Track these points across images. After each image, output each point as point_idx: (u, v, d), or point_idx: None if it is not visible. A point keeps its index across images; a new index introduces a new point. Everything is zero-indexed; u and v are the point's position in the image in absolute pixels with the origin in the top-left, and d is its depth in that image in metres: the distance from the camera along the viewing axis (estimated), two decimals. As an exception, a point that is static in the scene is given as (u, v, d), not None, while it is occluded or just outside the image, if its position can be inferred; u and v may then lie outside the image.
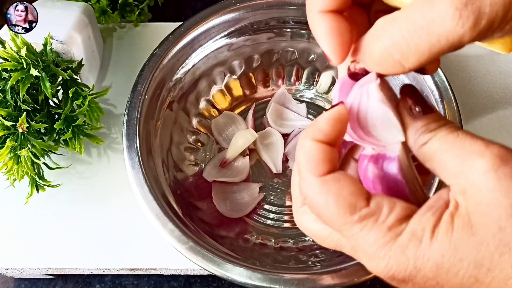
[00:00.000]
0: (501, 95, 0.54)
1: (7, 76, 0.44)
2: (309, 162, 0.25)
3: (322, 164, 0.25)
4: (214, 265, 0.38)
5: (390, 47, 0.22)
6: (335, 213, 0.24)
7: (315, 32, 0.26)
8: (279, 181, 0.51)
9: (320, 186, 0.24)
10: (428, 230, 0.23)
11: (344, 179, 0.24)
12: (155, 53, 0.47)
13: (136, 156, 0.42)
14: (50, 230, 0.47)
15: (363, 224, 0.23)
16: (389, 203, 0.24)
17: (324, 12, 0.25)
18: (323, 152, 0.25)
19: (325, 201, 0.24)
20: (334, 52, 0.25)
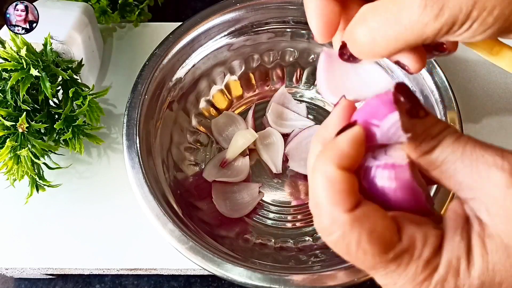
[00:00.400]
0: (501, 95, 0.54)
1: (7, 76, 0.44)
2: (336, 194, 0.22)
3: (350, 197, 0.22)
4: (214, 265, 0.38)
5: (367, 33, 0.24)
6: (369, 252, 0.22)
7: (307, 9, 0.27)
8: (279, 181, 0.51)
9: (352, 224, 0.22)
10: (464, 258, 0.22)
11: (374, 213, 0.22)
12: (155, 53, 0.47)
13: (136, 156, 0.42)
14: (50, 230, 0.47)
15: (398, 262, 0.22)
16: (422, 235, 0.22)
17: None
18: (350, 182, 0.22)
19: (358, 240, 0.22)
20: (320, 31, 0.26)
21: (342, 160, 0.22)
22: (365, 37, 0.24)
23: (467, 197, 0.23)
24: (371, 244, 0.22)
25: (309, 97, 0.55)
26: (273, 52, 0.54)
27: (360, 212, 0.22)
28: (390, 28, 0.23)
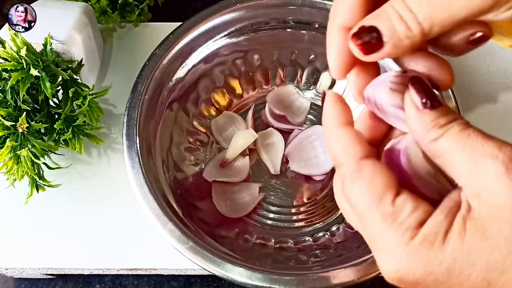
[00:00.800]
0: (501, 95, 0.54)
1: (7, 76, 0.44)
2: (344, 148, 0.25)
3: (358, 147, 0.25)
4: (214, 265, 0.38)
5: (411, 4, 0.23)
6: (363, 199, 0.24)
7: (328, 43, 0.26)
8: (279, 181, 0.51)
9: (356, 170, 0.25)
10: (441, 234, 0.23)
11: (378, 168, 0.24)
12: (155, 53, 0.47)
13: (136, 156, 0.42)
14: (50, 230, 0.47)
15: (383, 219, 0.24)
16: (413, 204, 0.24)
17: (343, 28, 0.26)
18: (354, 134, 0.26)
19: (357, 186, 0.24)
20: (337, 69, 0.27)
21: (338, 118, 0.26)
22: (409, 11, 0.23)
23: (463, 184, 0.23)
24: (366, 191, 0.24)
25: (309, 97, 0.55)
26: (273, 52, 0.54)
27: (366, 163, 0.25)
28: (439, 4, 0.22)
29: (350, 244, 0.45)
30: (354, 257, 0.39)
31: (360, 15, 0.25)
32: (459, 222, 0.23)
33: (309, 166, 0.51)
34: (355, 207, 0.25)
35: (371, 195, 0.24)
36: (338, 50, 0.26)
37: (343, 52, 0.26)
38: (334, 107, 0.27)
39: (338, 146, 0.26)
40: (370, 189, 0.24)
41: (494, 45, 0.57)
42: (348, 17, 0.25)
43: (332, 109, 0.27)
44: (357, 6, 0.25)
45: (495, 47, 0.57)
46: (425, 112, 0.24)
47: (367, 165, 0.25)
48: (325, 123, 0.27)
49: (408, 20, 0.23)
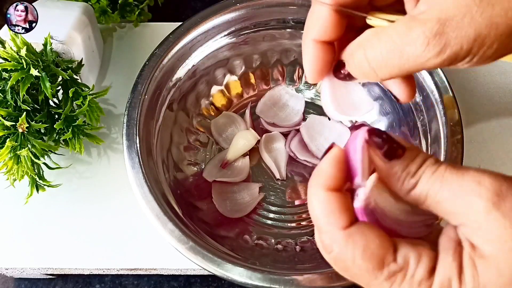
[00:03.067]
0: (501, 95, 0.54)
1: (7, 76, 0.44)
2: (329, 214, 0.24)
3: (343, 215, 0.24)
4: (214, 265, 0.38)
5: (369, 56, 0.27)
6: (363, 268, 0.23)
7: (303, 53, 0.31)
8: (279, 181, 0.51)
9: (346, 240, 0.23)
10: (455, 279, 0.22)
11: (369, 231, 0.23)
12: (155, 53, 0.47)
13: (136, 156, 0.42)
14: (50, 230, 0.47)
15: (392, 280, 0.23)
16: (416, 255, 0.23)
17: (315, 41, 0.30)
18: (340, 200, 0.24)
19: (352, 256, 0.23)
20: (311, 75, 0.31)
21: (328, 181, 0.24)
22: (367, 61, 0.27)
23: (457, 223, 0.23)
24: (364, 260, 0.23)
25: (309, 97, 0.55)
26: (273, 52, 0.54)
27: (354, 230, 0.23)
28: (393, 57, 0.25)
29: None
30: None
31: (330, 32, 0.29)
32: (468, 263, 0.22)
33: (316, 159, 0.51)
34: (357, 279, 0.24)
35: (372, 262, 0.23)
36: (312, 60, 0.30)
37: (317, 62, 0.30)
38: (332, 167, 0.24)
39: (322, 212, 0.24)
40: (367, 257, 0.23)
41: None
42: (320, 33, 0.29)
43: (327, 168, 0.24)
44: (327, 24, 0.29)
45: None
46: (393, 164, 0.24)
47: (355, 231, 0.23)
48: (313, 178, 0.25)
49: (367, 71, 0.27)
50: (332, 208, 0.24)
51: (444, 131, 0.43)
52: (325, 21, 0.29)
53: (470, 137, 0.51)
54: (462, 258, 0.23)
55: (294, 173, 0.51)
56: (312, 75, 0.31)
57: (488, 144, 0.51)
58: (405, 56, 0.25)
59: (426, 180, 0.23)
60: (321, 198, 0.24)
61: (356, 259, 0.23)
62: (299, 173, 0.51)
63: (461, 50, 0.24)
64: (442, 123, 0.44)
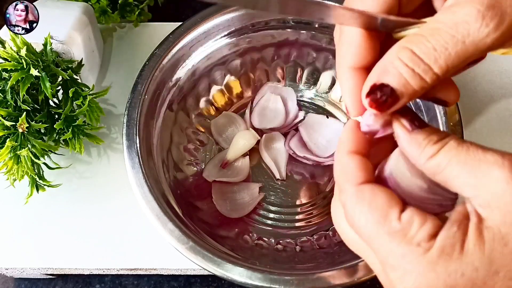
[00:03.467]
0: (501, 95, 0.54)
1: (7, 76, 0.44)
2: (345, 173, 0.26)
3: (357, 173, 0.25)
4: (214, 265, 0.38)
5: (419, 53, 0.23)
6: (368, 221, 0.24)
7: (342, 85, 0.27)
8: (279, 181, 0.51)
9: (356, 195, 0.25)
10: (458, 244, 0.22)
11: (379, 190, 0.25)
12: (155, 53, 0.47)
13: (136, 156, 0.42)
14: (50, 230, 0.47)
15: (392, 237, 0.23)
16: (420, 218, 0.23)
17: (353, 69, 0.27)
18: (356, 161, 0.26)
19: (360, 209, 0.24)
20: (355, 108, 0.27)
21: (346, 146, 0.26)
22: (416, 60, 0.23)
23: (470, 195, 0.23)
24: (369, 214, 0.24)
25: (309, 97, 0.55)
26: (273, 52, 0.54)
27: (366, 187, 0.25)
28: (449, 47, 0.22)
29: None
30: (354, 257, 0.39)
31: (367, 55, 0.26)
32: (474, 231, 0.22)
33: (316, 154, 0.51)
34: (360, 231, 0.25)
35: (375, 215, 0.24)
36: (352, 91, 0.27)
37: (358, 92, 0.26)
38: (347, 134, 0.27)
39: (341, 172, 0.26)
40: (372, 210, 0.24)
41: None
42: (356, 59, 0.26)
43: (344, 136, 0.27)
44: (363, 47, 0.26)
45: (495, 47, 0.57)
46: (416, 132, 0.25)
47: (366, 188, 0.25)
48: (338, 146, 0.27)
49: (421, 72, 0.23)
50: (348, 167, 0.26)
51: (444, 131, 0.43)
52: (359, 43, 0.26)
53: (470, 137, 0.51)
54: (467, 228, 0.23)
55: (294, 173, 0.51)
56: (356, 107, 0.27)
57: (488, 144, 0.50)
58: (460, 39, 0.22)
59: (449, 150, 0.24)
60: (340, 160, 0.26)
61: (361, 213, 0.24)
62: (299, 173, 0.51)
63: None
64: (442, 123, 0.44)
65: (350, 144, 0.27)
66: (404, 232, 0.23)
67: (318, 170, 0.51)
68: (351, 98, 0.27)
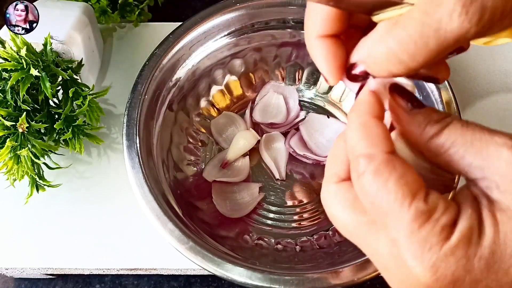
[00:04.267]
0: (501, 95, 0.54)
1: (7, 76, 0.44)
2: (373, 137, 0.24)
3: (387, 141, 0.24)
4: (214, 265, 0.38)
5: (396, 48, 0.23)
6: (393, 193, 0.22)
7: (313, 56, 0.27)
8: (279, 181, 0.51)
9: (387, 163, 0.23)
10: (476, 229, 0.22)
11: (408, 166, 0.23)
12: (155, 53, 0.47)
13: (136, 156, 0.42)
14: (50, 230, 0.47)
15: (416, 216, 0.22)
16: (444, 204, 0.23)
17: (321, 37, 0.27)
18: (384, 127, 0.24)
19: (387, 177, 0.22)
20: (331, 74, 0.27)
21: (370, 108, 0.25)
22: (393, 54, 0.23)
23: (476, 177, 0.23)
24: (397, 185, 0.22)
25: (309, 97, 0.55)
26: (273, 52, 0.54)
27: (397, 158, 0.23)
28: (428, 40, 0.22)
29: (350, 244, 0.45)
30: (354, 257, 0.39)
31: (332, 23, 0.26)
32: (488, 214, 0.22)
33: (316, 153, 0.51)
34: (377, 204, 0.23)
35: (404, 190, 0.22)
36: (325, 57, 0.27)
37: (331, 58, 0.27)
38: (370, 97, 0.25)
39: (368, 135, 0.24)
40: (403, 184, 0.22)
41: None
42: (323, 27, 0.27)
43: (368, 98, 0.25)
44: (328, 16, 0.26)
45: (495, 48, 0.57)
46: (416, 112, 0.24)
47: (397, 159, 0.23)
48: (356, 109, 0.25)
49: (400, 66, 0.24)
50: (378, 131, 0.24)
51: (444, 131, 0.43)
52: (325, 14, 0.26)
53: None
54: (481, 211, 0.23)
55: (294, 173, 0.51)
56: (331, 74, 0.27)
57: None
58: (442, 34, 0.22)
59: (455, 129, 0.23)
60: (364, 123, 0.24)
61: (389, 182, 0.22)
62: (299, 173, 0.51)
63: (497, 10, 0.22)
64: (442, 123, 0.44)
65: (373, 107, 0.25)
66: (430, 214, 0.22)
67: (318, 170, 0.51)
68: (327, 66, 0.27)
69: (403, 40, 0.23)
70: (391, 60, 0.23)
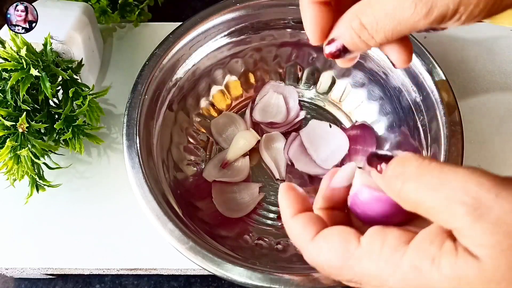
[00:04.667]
0: (501, 95, 0.54)
1: (7, 76, 0.44)
2: (296, 236, 0.28)
3: (306, 230, 0.27)
4: (214, 265, 0.38)
5: (365, 24, 0.28)
6: (337, 265, 0.26)
7: (303, 17, 0.31)
8: (279, 181, 0.51)
9: (315, 250, 0.27)
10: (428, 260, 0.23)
11: (329, 233, 0.26)
12: (155, 53, 0.47)
13: (136, 156, 0.42)
14: (50, 230, 0.47)
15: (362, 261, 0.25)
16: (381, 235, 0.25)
17: (313, 2, 0.31)
18: (300, 221, 0.28)
19: (324, 258, 0.26)
20: (314, 35, 0.31)
21: (287, 211, 0.29)
22: (364, 28, 0.28)
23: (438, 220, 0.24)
24: (334, 259, 0.26)
25: (309, 97, 0.55)
26: (273, 52, 0.54)
27: (317, 238, 0.27)
28: (387, 22, 0.27)
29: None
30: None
31: None
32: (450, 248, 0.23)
33: (314, 167, 0.51)
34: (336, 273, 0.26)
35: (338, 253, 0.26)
36: (313, 20, 0.31)
37: (317, 22, 0.31)
38: (285, 199, 0.29)
39: (293, 237, 0.28)
40: (332, 251, 0.26)
41: (494, 45, 0.58)
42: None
43: (283, 203, 0.29)
44: None
45: (495, 47, 0.57)
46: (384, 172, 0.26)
47: (319, 237, 0.27)
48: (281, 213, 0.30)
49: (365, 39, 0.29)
50: (296, 230, 0.28)
51: (444, 131, 0.43)
52: None
53: (470, 137, 0.51)
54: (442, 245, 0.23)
55: (295, 173, 0.51)
56: (314, 35, 0.31)
57: (488, 144, 0.51)
58: (397, 20, 0.27)
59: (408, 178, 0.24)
60: (288, 227, 0.29)
61: (327, 261, 0.26)
62: (299, 173, 0.51)
63: (448, 10, 0.25)
64: (442, 123, 0.44)
65: (290, 208, 0.29)
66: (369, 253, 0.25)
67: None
68: (312, 28, 0.31)
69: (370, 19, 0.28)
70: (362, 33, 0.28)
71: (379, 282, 0.24)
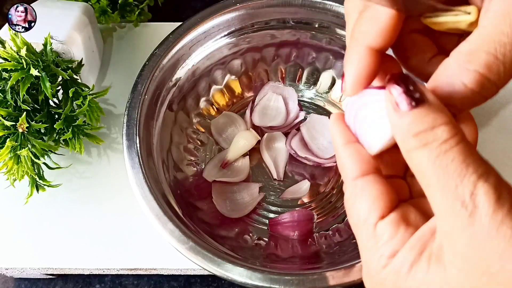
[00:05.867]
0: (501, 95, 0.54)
1: (7, 76, 0.44)
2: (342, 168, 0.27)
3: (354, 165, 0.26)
4: (214, 265, 0.38)
5: (486, 72, 0.23)
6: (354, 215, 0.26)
7: (349, 62, 0.26)
8: (280, 182, 0.51)
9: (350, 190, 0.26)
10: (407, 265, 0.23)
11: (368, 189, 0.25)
12: (155, 53, 0.47)
13: (136, 156, 0.42)
14: (50, 230, 0.47)
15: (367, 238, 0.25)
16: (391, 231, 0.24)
17: (370, 49, 0.25)
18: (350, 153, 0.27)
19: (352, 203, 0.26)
20: (353, 88, 0.26)
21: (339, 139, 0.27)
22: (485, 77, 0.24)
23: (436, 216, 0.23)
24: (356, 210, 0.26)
25: (309, 97, 0.55)
26: (273, 52, 0.54)
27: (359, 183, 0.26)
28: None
29: (350, 244, 0.45)
30: (354, 257, 0.39)
31: (390, 39, 0.25)
32: (427, 256, 0.23)
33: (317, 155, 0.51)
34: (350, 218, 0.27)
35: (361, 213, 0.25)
36: (361, 70, 0.26)
37: (365, 72, 0.26)
38: (337, 126, 0.28)
39: (340, 166, 0.27)
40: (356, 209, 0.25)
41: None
42: (379, 40, 0.25)
43: (334, 129, 0.28)
44: (390, 29, 0.25)
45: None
46: (403, 114, 0.22)
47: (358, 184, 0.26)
48: (332, 141, 0.28)
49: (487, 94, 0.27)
50: (344, 161, 0.26)
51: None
52: (386, 25, 0.25)
53: (470, 137, 0.51)
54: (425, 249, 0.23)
55: (295, 173, 0.51)
56: (354, 87, 0.26)
57: (488, 144, 0.51)
58: None
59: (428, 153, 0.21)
60: (337, 154, 0.27)
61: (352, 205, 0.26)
62: (299, 173, 0.51)
63: None
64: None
65: (342, 136, 0.27)
66: (375, 240, 0.24)
67: (318, 171, 0.51)
68: (355, 78, 0.26)
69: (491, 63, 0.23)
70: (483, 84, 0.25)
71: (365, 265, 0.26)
